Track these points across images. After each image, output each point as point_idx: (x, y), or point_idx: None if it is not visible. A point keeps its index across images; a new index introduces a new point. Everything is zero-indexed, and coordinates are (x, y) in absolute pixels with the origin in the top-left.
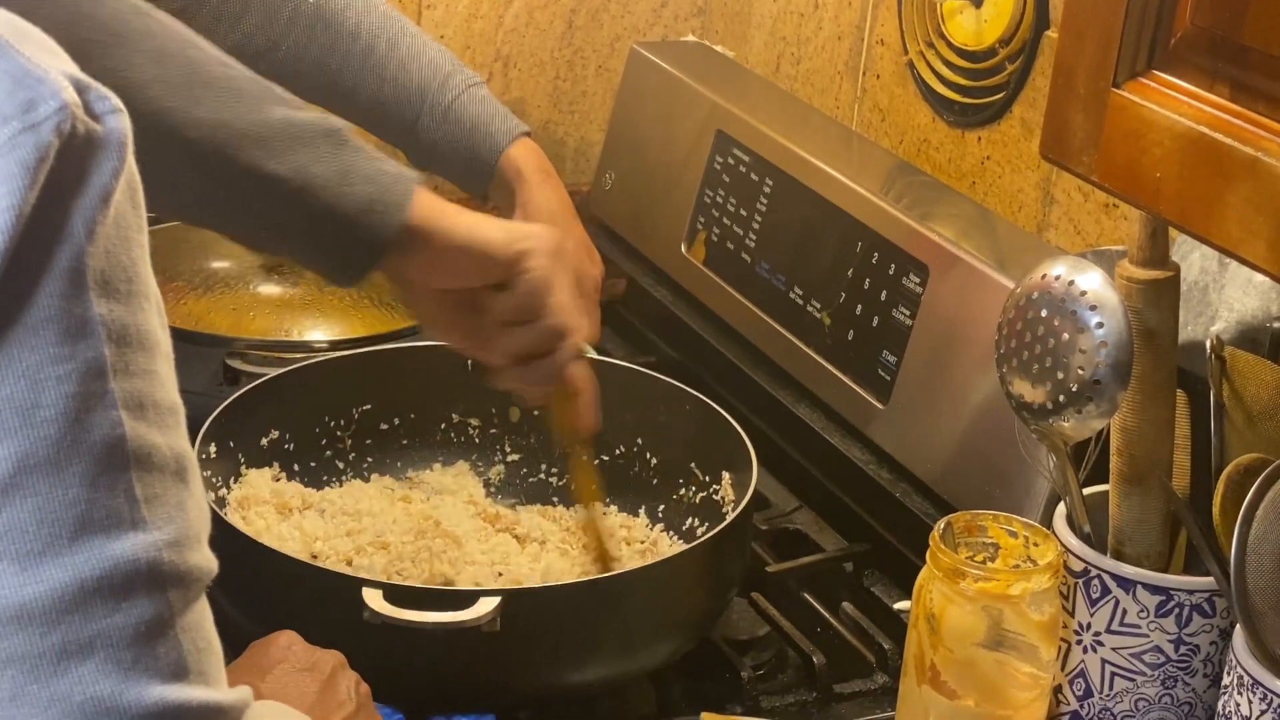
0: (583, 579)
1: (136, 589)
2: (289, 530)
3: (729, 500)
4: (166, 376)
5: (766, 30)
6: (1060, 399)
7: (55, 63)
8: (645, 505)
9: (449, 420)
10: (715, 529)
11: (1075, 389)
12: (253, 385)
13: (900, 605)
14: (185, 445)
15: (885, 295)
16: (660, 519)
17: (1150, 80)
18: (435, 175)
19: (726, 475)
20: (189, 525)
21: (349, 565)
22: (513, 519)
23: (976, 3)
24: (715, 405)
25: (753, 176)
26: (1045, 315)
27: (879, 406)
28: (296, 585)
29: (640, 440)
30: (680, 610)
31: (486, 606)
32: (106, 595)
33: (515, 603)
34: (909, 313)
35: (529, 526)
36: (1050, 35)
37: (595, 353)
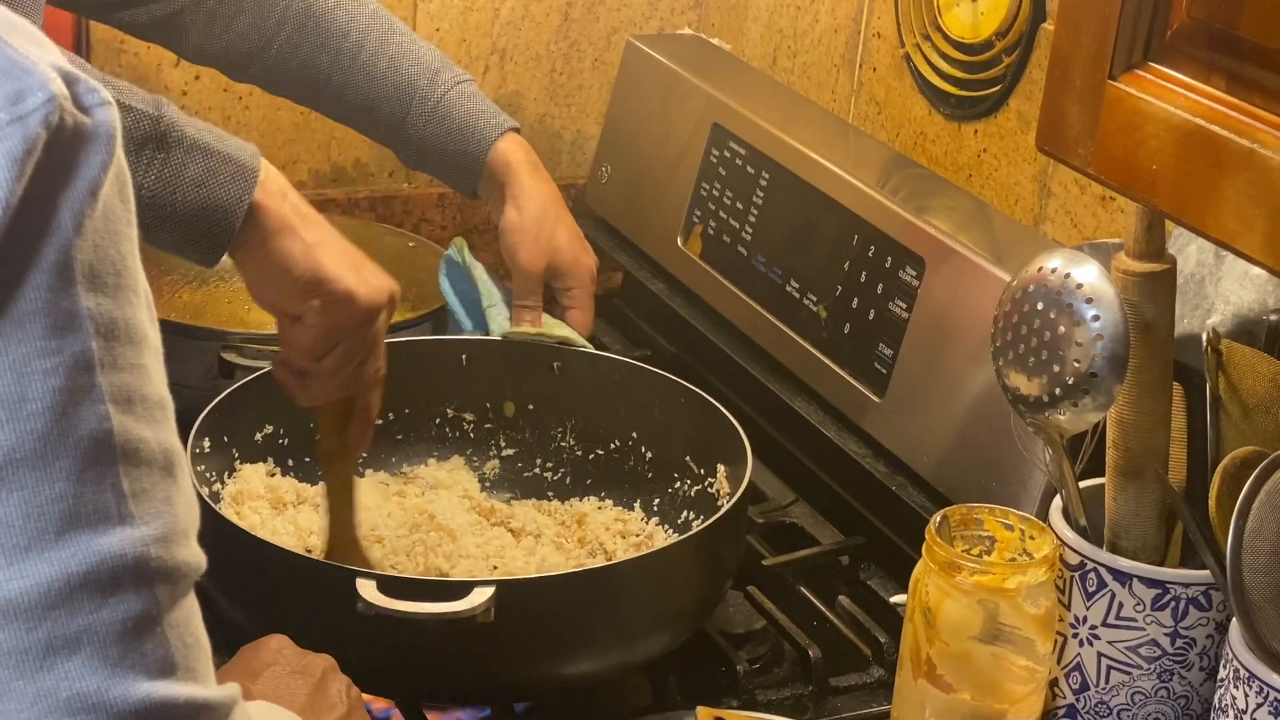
0: (577, 569)
1: (123, 584)
2: (283, 525)
3: (724, 493)
4: (155, 371)
5: (763, 23)
6: (1056, 392)
7: (44, 55)
8: (640, 499)
9: (444, 415)
10: (710, 521)
11: (1071, 382)
12: (246, 380)
13: (896, 599)
14: (174, 440)
15: (881, 288)
16: (655, 512)
17: (1146, 72)
18: (426, 172)
19: (721, 468)
20: (177, 521)
21: None
22: (507, 513)
23: None
24: (710, 398)
25: (749, 169)
26: (1041, 308)
27: (875, 400)
28: (291, 579)
29: (635, 434)
30: (675, 603)
31: (481, 597)
32: (93, 590)
33: (509, 593)
34: (905, 306)
35: (524, 520)
36: (1047, 28)
37: (590, 345)
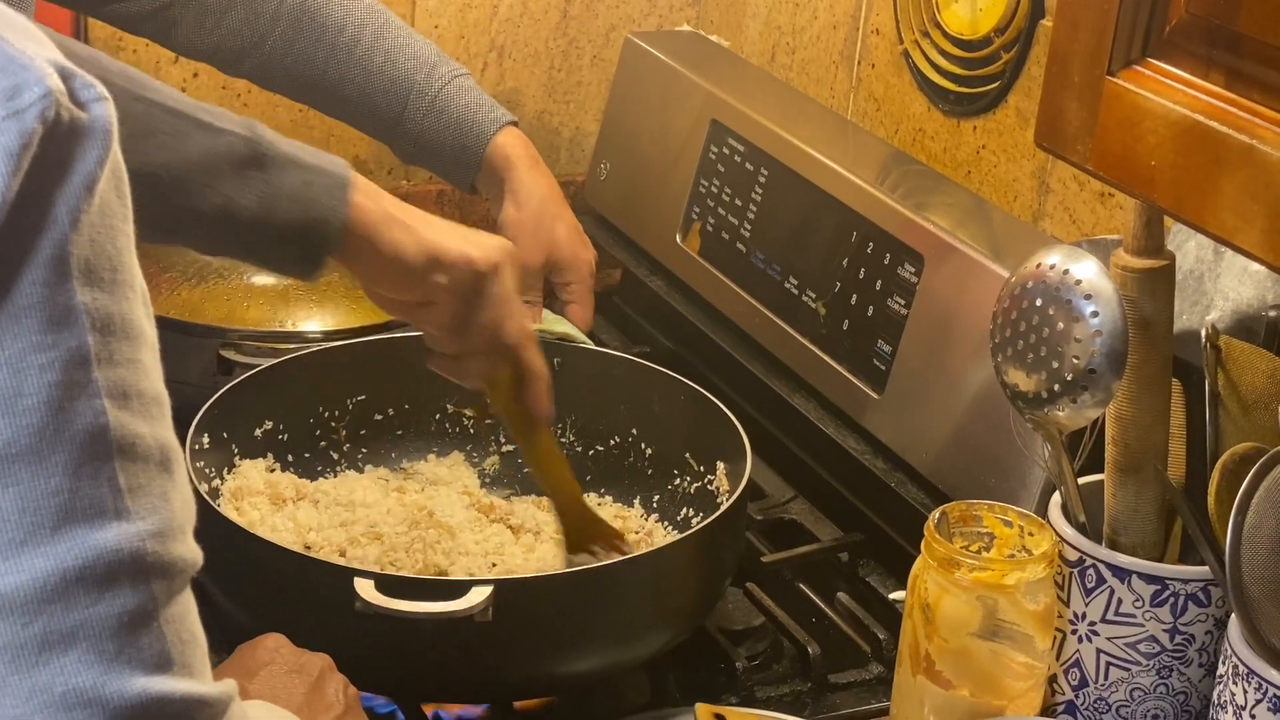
0: (576, 569)
1: (119, 579)
2: (283, 521)
3: (723, 490)
4: (151, 366)
5: (761, 19)
6: (1055, 388)
7: (40, 50)
8: (640, 495)
9: (443, 411)
10: (710, 518)
11: (1070, 378)
12: (246, 376)
13: (895, 595)
14: (170, 436)
15: (880, 285)
16: (655, 509)
17: (1145, 68)
18: (423, 168)
19: (721, 465)
20: (173, 516)
21: (342, 556)
22: (507, 510)
23: None
24: (710, 395)
25: (748, 166)
26: (1040, 304)
27: (874, 396)
28: (289, 576)
29: (635, 430)
30: (674, 600)
31: (479, 596)
32: (89, 585)
33: (508, 592)
34: (904, 302)
35: (523, 517)
36: (1045, 24)
37: (590, 342)
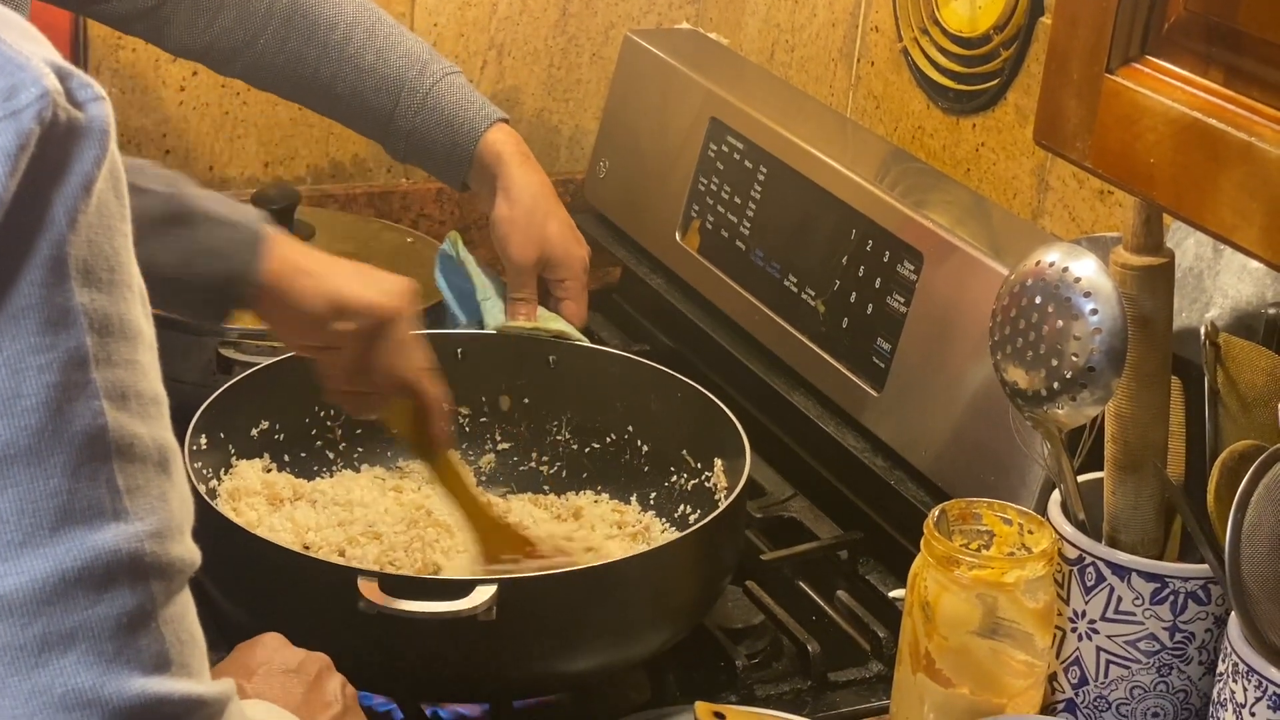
0: (577, 567)
1: (118, 580)
2: (280, 521)
3: (722, 487)
4: (149, 367)
5: (761, 17)
6: (1055, 386)
7: (37, 50)
8: (637, 492)
9: None
10: (708, 516)
11: (1070, 376)
12: (242, 376)
13: (895, 593)
14: (168, 436)
15: (880, 282)
16: (652, 506)
17: (1144, 66)
18: (415, 165)
19: (719, 462)
20: (171, 516)
21: (341, 555)
22: (503, 508)
23: None
24: (707, 392)
25: (747, 164)
26: (1040, 302)
27: (874, 394)
28: (290, 576)
29: (632, 428)
30: (674, 598)
31: (483, 596)
32: (88, 586)
33: (511, 592)
34: (903, 300)
35: (520, 515)
36: (1044, 21)
37: (585, 339)
